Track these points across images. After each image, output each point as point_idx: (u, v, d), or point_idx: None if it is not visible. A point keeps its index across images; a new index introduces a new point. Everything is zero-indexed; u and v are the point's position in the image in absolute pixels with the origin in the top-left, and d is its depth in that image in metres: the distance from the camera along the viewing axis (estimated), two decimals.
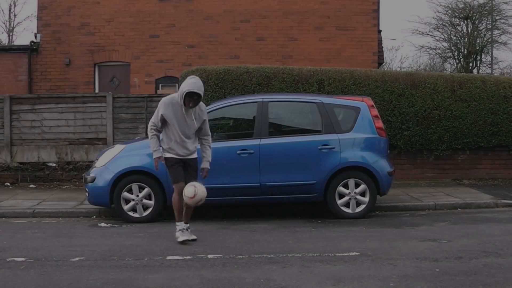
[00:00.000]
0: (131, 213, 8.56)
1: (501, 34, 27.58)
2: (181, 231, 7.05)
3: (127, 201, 8.56)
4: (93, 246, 6.88)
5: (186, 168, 7.10)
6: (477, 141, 12.00)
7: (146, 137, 8.09)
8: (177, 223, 7.09)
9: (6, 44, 30.08)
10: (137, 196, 8.52)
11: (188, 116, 6.97)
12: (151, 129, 7.13)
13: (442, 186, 11.43)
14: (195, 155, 7.18)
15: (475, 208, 9.52)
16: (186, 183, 6.90)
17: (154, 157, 7.13)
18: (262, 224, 8.30)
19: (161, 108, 7.00)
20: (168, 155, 7.08)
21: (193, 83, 6.83)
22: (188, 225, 7.14)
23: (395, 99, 11.74)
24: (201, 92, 6.86)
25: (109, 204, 8.68)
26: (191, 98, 6.84)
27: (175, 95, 7.02)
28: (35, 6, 17.45)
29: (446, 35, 28.73)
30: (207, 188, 6.85)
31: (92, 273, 5.67)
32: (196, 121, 7.03)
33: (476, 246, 6.68)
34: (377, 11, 16.95)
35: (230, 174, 8.51)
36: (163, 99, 7.11)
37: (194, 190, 6.70)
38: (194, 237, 7.08)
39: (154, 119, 7.09)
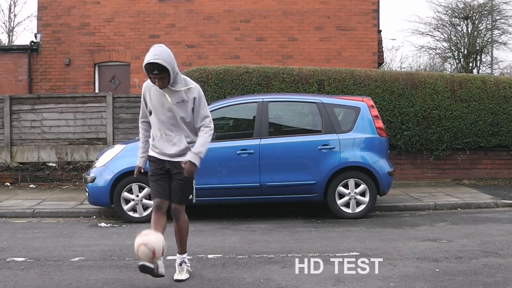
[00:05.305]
0: (131, 213, 8.57)
1: (501, 34, 27.60)
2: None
3: (127, 201, 8.57)
4: (93, 246, 6.88)
5: (171, 177, 5.25)
6: (477, 141, 12.00)
7: None
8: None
9: (6, 44, 30.06)
10: (137, 196, 8.53)
11: (164, 98, 5.12)
12: (140, 124, 5.56)
13: (442, 186, 11.43)
14: (181, 158, 5.16)
15: (475, 208, 9.52)
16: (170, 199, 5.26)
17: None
18: (262, 224, 8.30)
19: (142, 92, 5.36)
20: (150, 152, 5.36)
21: (151, 52, 4.93)
22: (185, 255, 5.52)
23: (395, 99, 11.75)
24: (165, 63, 4.86)
25: (109, 204, 8.68)
26: (152, 75, 4.96)
27: None
28: (35, 6, 17.46)
29: (446, 35, 28.75)
30: (207, 189, 6.78)
31: (92, 273, 5.67)
32: (177, 106, 5.09)
33: (476, 246, 6.68)
34: (377, 11, 16.95)
35: (230, 174, 8.51)
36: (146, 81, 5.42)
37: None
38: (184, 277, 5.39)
39: (141, 109, 5.47)
